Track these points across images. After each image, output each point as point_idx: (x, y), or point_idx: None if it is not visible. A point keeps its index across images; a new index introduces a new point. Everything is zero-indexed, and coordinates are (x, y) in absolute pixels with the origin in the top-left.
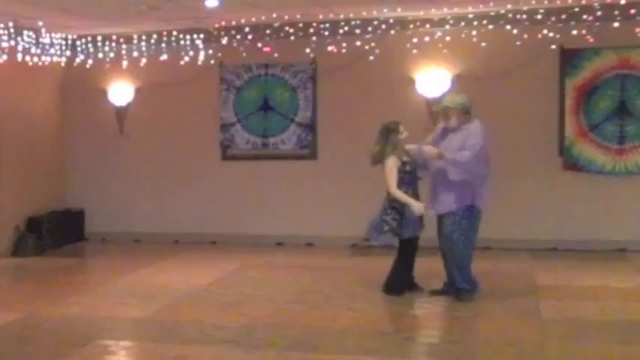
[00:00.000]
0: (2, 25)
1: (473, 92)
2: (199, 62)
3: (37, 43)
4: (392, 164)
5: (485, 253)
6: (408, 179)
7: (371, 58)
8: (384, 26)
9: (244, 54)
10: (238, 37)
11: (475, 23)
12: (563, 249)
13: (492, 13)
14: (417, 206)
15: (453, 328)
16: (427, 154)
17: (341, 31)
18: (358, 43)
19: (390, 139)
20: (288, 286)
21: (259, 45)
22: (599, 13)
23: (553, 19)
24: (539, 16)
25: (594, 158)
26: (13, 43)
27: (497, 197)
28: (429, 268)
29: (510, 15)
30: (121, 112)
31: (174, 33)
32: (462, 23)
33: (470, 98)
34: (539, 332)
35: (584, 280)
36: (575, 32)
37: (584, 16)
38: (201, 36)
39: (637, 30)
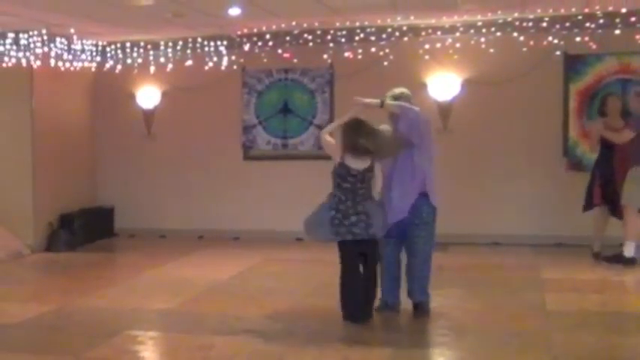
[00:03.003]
0: (36, 33)
1: (482, 96)
2: (223, 67)
3: (69, 50)
4: None
5: (493, 248)
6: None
7: (385, 63)
8: (397, 33)
9: (265, 59)
10: (260, 43)
11: (484, 30)
12: (567, 244)
13: (500, 21)
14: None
15: (463, 320)
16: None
17: (357, 38)
18: (373, 49)
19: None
20: (307, 280)
21: (279, 51)
22: (601, 21)
23: (558, 26)
24: (544, 24)
25: None
26: (46, 49)
27: (504, 195)
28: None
29: (517, 23)
30: (148, 115)
31: (199, 39)
32: (472, 30)
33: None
34: (544, 323)
35: (587, 274)
36: (578, 39)
37: (587, 24)
38: (225, 42)
39: (637, 37)
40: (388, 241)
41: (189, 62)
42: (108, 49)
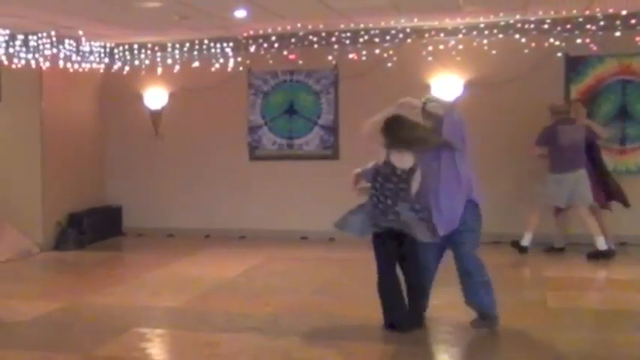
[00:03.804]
0: (45, 34)
1: (484, 97)
2: (229, 69)
3: (78, 51)
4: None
5: (495, 247)
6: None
7: (389, 65)
8: (401, 35)
9: (271, 61)
10: (265, 45)
11: (486, 32)
12: (568, 242)
13: (502, 23)
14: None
15: (465, 318)
16: (410, 103)
17: (361, 39)
18: (377, 51)
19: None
20: (311, 278)
21: (285, 53)
22: (602, 23)
23: (559, 28)
24: (545, 26)
25: None
26: (55, 50)
27: (506, 194)
28: None
29: (519, 25)
30: (155, 116)
31: (206, 41)
32: (474, 32)
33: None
34: (545, 321)
35: (588, 272)
36: (579, 41)
37: (588, 26)
38: (231, 44)
39: (637, 39)
40: (431, 248)
41: (195, 64)
42: (116, 50)
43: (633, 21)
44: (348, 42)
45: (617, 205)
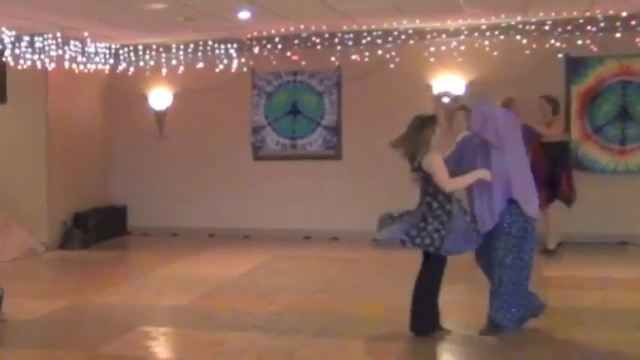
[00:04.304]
0: (51, 36)
1: None
2: (233, 70)
3: (83, 52)
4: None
5: None
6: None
7: (391, 65)
8: (403, 36)
9: (274, 62)
10: (269, 46)
11: (487, 34)
12: (568, 242)
13: (503, 25)
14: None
15: (468, 316)
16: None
17: (364, 40)
18: (379, 52)
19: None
20: (314, 277)
21: (288, 54)
22: (602, 24)
23: (559, 29)
24: (546, 27)
25: (598, 159)
26: (61, 52)
27: None
28: None
29: (520, 26)
30: (160, 116)
31: (210, 43)
32: (476, 34)
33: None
34: (546, 320)
35: (589, 271)
36: (580, 42)
37: (589, 27)
38: (235, 45)
39: (637, 40)
40: (477, 259)
41: (200, 65)
42: (121, 51)
43: (633, 22)
44: (350, 43)
45: (617, 205)
